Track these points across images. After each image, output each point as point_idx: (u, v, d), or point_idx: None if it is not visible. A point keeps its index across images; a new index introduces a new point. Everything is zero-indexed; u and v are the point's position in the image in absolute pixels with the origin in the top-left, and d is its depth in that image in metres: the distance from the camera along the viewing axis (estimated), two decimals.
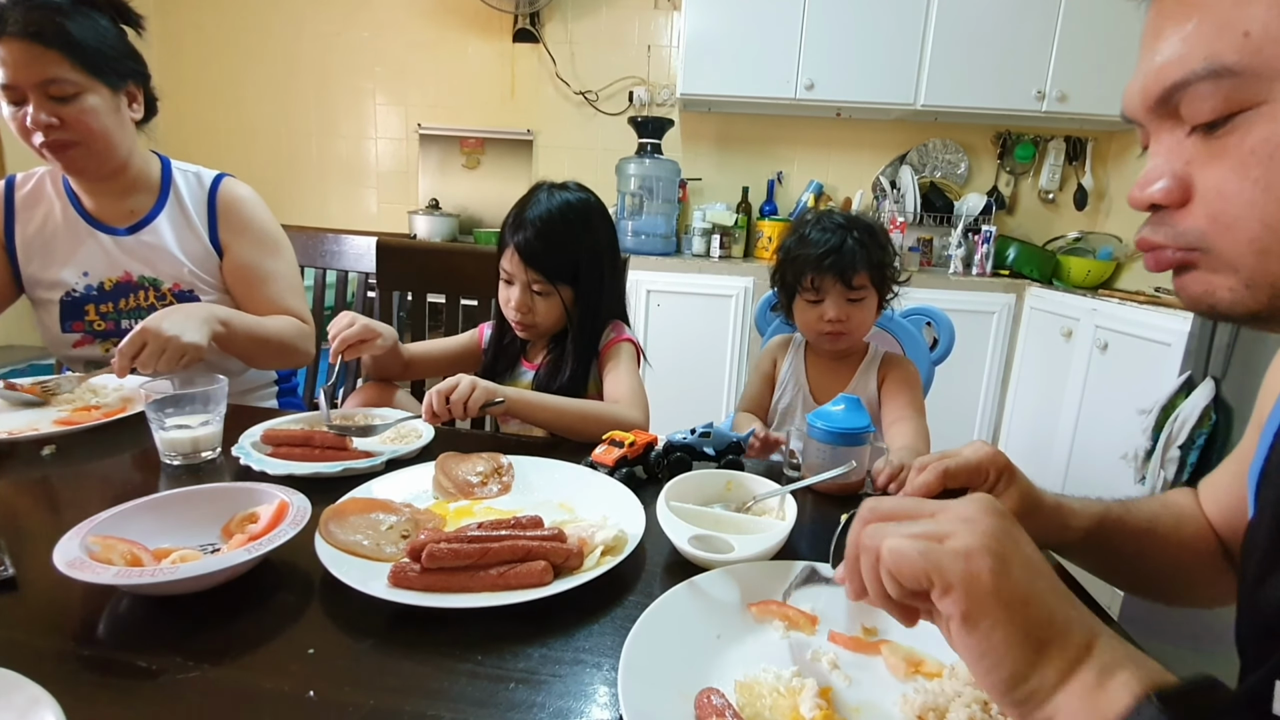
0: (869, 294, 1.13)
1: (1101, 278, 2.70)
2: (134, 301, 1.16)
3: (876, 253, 1.12)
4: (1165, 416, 1.73)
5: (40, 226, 1.15)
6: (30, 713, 0.39)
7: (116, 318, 1.17)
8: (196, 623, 0.53)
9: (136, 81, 1.12)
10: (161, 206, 1.19)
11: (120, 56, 1.08)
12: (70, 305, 1.16)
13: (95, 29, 1.04)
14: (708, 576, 0.58)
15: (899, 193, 3.03)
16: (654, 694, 0.45)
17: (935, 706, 0.45)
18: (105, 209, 1.17)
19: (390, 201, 3.30)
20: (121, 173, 1.14)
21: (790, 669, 0.50)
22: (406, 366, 1.18)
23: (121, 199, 1.17)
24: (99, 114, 1.05)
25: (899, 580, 0.38)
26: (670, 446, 0.87)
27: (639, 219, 2.85)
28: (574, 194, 1.12)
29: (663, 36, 3.06)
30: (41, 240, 1.15)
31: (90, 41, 1.02)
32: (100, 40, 1.04)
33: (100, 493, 0.77)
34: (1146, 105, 0.41)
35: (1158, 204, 0.42)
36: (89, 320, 1.16)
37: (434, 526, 0.67)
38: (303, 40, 3.16)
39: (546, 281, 1.08)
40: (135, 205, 1.18)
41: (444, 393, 0.91)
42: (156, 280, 1.18)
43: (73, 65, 1.01)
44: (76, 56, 1.01)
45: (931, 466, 0.60)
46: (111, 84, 1.07)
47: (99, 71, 1.04)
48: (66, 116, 1.02)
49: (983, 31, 2.62)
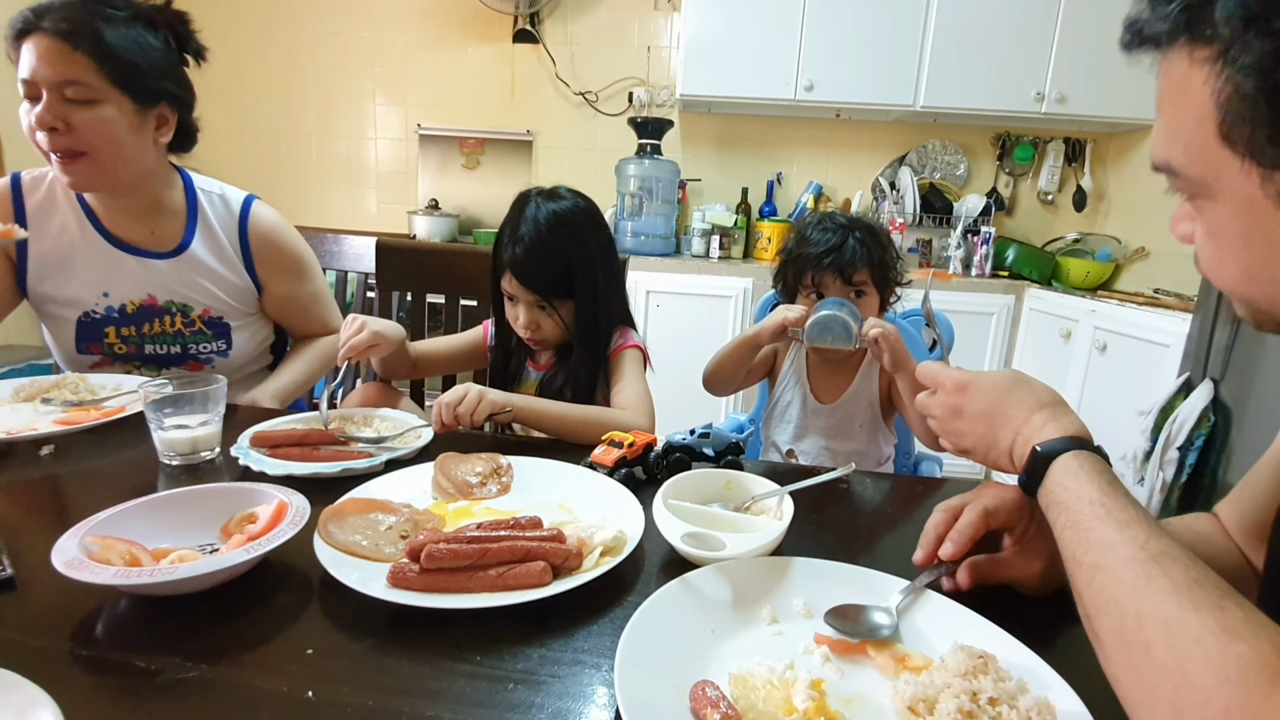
0: (870, 293, 1.13)
1: (1100, 279, 2.70)
2: (159, 326, 1.13)
3: (878, 252, 1.12)
4: (1164, 417, 1.73)
5: (56, 241, 1.10)
6: (28, 713, 0.39)
7: (139, 341, 1.13)
8: (195, 623, 0.53)
9: (171, 105, 1.07)
10: (193, 232, 1.15)
11: (158, 75, 1.03)
12: (88, 326, 1.12)
13: (138, 42, 1.00)
14: (700, 573, 0.59)
15: (898, 194, 3.04)
16: (649, 687, 0.45)
17: (925, 697, 0.46)
18: (126, 228, 1.12)
19: (390, 202, 3.30)
20: (133, 193, 1.09)
21: (783, 661, 0.50)
22: (414, 366, 1.18)
23: (141, 220, 1.12)
24: (113, 126, 0.99)
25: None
26: (669, 447, 0.87)
27: (638, 220, 2.85)
28: (562, 203, 1.09)
29: (662, 37, 3.06)
30: (58, 257, 1.10)
31: (125, 52, 0.98)
32: (139, 54, 1.00)
33: (99, 493, 0.76)
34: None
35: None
36: (108, 343, 1.13)
37: (433, 527, 0.67)
38: (303, 40, 3.16)
39: (546, 299, 1.08)
40: (158, 228, 1.13)
41: (452, 405, 0.91)
42: (187, 306, 1.14)
43: (98, 71, 0.96)
44: (105, 64, 0.96)
45: (970, 507, 0.62)
46: (139, 100, 1.01)
47: (127, 85, 0.99)
48: (78, 122, 0.97)
49: (982, 33, 2.62)
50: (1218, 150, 0.40)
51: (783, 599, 0.58)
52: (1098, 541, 0.44)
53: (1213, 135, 0.40)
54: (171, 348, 1.15)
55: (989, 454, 0.59)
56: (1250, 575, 0.62)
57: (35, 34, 0.94)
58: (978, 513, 0.61)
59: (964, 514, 0.62)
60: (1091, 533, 0.45)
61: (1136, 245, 2.77)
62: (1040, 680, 0.47)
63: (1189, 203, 0.45)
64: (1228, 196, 0.41)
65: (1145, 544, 0.42)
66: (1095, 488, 0.47)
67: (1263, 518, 0.59)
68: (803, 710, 0.45)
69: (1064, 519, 0.48)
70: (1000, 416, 0.57)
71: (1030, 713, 0.44)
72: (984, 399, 0.59)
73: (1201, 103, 0.40)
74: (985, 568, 0.60)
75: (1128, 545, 0.42)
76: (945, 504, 0.65)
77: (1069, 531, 0.47)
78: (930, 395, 0.66)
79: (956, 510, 0.64)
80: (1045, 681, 0.47)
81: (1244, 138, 0.38)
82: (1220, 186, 0.41)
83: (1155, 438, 1.74)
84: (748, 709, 0.45)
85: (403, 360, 1.13)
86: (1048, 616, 0.58)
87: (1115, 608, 0.41)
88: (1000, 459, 0.58)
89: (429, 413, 0.98)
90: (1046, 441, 0.52)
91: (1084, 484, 0.48)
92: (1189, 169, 0.42)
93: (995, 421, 0.57)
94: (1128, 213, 2.91)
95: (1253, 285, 0.43)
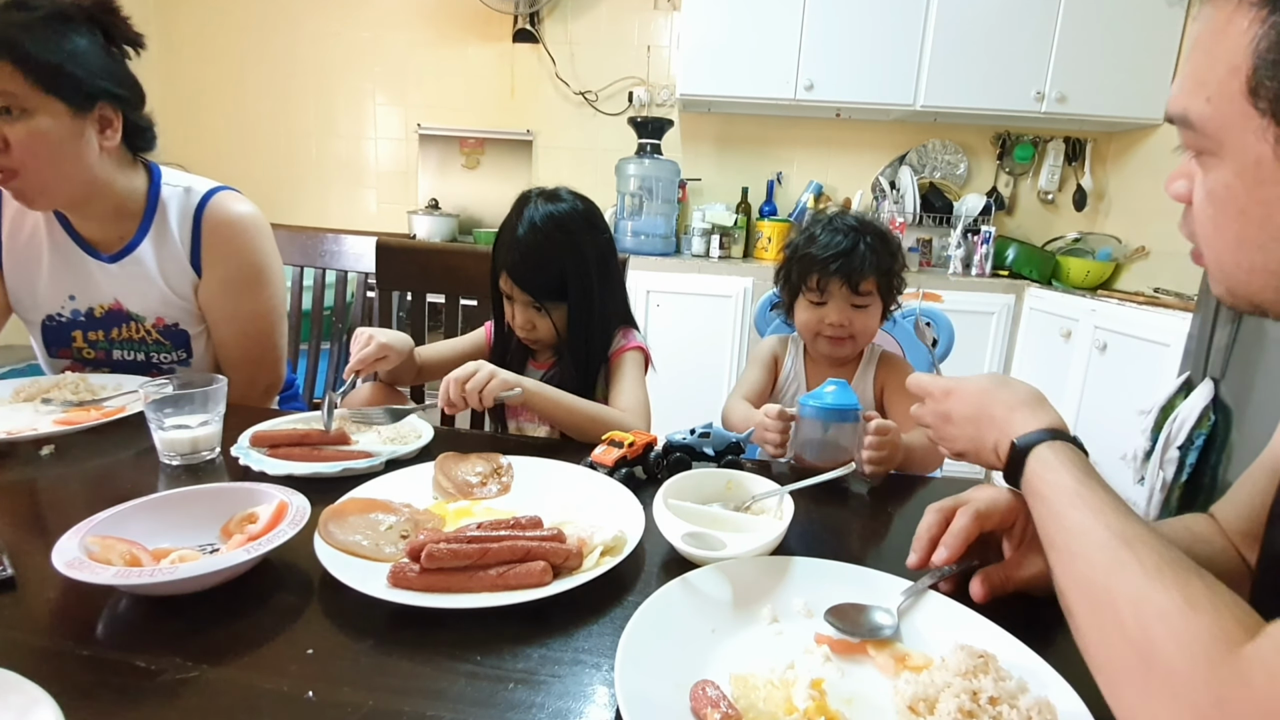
0: (874, 301, 1.11)
1: (1101, 278, 2.70)
2: (126, 333, 1.09)
3: (887, 260, 1.09)
4: (1164, 417, 1.73)
5: (29, 240, 1.07)
6: (29, 713, 0.39)
7: (107, 347, 1.10)
8: (196, 623, 0.53)
9: (113, 105, 0.99)
10: (145, 232, 1.08)
11: (92, 75, 0.96)
12: (53, 330, 1.09)
13: (63, 43, 0.93)
14: (700, 573, 0.59)
15: (898, 193, 3.04)
16: (650, 686, 0.45)
17: (926, 697, 0.46)
18: (94, 232, 1.07)
19: (390, 201, 3.30)
20: (86, 204, 1.04)
21: (784, 661, 0.50)
22: (419, 372, 1.18)
23: (108, 224, 1.07)
24: (48, 139, 0.93)
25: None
26: (670, 447, 0.87)
27: (639, 219, 2.85)
28: (560, 206, 1.09)
29: (662, 37, 3.06)
30: (28, 256, 1.07)
31: (51, 56, 0.91)
32: (66, 56, 0.93)
33: (99, 493, 0.76)
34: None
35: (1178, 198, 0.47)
36: (76, 347, 1.10)
37: (433, 527, 0.67)
38: (303, 40, 3.16)
39: (540, 300, 1.09)
40: (124, 231, 1.08)
41: (461, 380, 0.90)
42: (139, 315, 1.10)
43: (25, 79, 0.90)
44: (29, 70, 0.90)
45: (962, 511, 0.62)
46: (74, 105, 0.94)
47: (57, 89, 0.92)
48: (11, 137, 0.91)
49: (982, 32, 2.62)
50: (1241, 103, 0.39)
51: (783, 598, 0.58)
52: (1072, 527, 0.46)
53: (1240, 87, 0.39)
54: (137, 354, 1.12)
55: (980, 455, 0.61)
56: (1246, 575, 0.62)
57: None
58: (970, 516, 0.61)
59: (956, 518, 0.62)
60: (1066, 519, 0.47)
61: (1137, 244, 2.76)
62: (1040, 680, 0.48)
63: (1194, 160, 0.45)
64: (1237, 155, 0.41)
65: (1117, 529, 0.44)
66: (1070, 477, 0.49)
67: (1257, 517, 0.59)
68: (803, 710, 0.45)
69: (1042, 508, 0.50)
70: (985, 418, 0.60)
71: (1030, 712, 0.44)
72: (969, 403, 0.62)
73: (1238, 50, 0.39)
74: (997, 577, 0.60)
75: (1101, 530, 0.44)
76: (937, 505, 0.65)
77: (1046, 518, 0.49)
78: (922, 406, 0.68)
79: (949, 511, 0.64)
80: (1045, 681, 0.47)
81: (1271, 94, 0.38)
82: (1232, 144, 0.41)
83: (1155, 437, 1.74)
84: (748, 708, 0.45)
85: (409, 368, 1.14)
86: (1048, 616, 0.58)
87: (1088, 586, 0.44)
88: (989, 458, 0.60)
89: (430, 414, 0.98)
90: (1024, 435, 0.54)
91: (1059, 473, 0.50)
92: (1207, 122, 0.42)
93: (981, 424, 0.60)
94: (1128, 212, 2.91)
95: (1241, 253, 0.43)
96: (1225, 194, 0.42)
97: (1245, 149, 0.40)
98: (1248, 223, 0.42)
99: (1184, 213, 0.47)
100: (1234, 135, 0.40)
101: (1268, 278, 0.42)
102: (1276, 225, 0.40)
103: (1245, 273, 0.43)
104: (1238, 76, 0.39)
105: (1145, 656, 0.38)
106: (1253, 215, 0.41)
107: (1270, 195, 0.40)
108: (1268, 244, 0.41)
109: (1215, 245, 0.45)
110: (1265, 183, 0.40)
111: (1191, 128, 0.43)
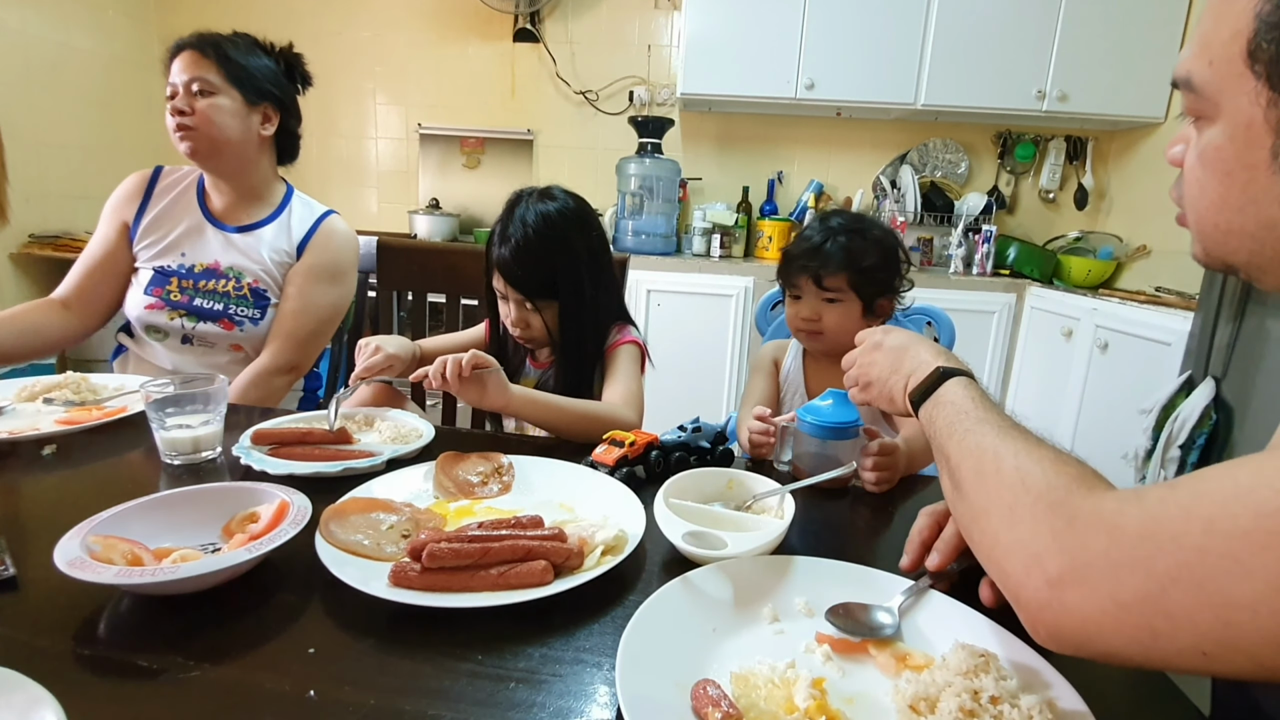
0: (845, 297, 1.11)
1: (1102, 277, 2.70)
2: (212, 285, 1.31)
3: (865, 256, 1.10)
4: (1165, 416, 1.73)
5: (167, 210, 1.33)
6: (31, 712, 0.39)
7: (193, 294, 1.31)
8: (197, 622, 0.53)
9: (275, 107, 1.34)
10: (273, 219, 1.37)
11: (264, 82, 1.31)
12: (160, 276, 1.31)
13: (251, 58, 1.29)
14: (701, 572, 0.59)
15: (899, 192, 3.03)
16: (651, 686, 0.45)
17: (926, 696, 0.46)
18: (224, 206, 1.35)
19: (390, 201, 3.30)
20: (238, 175, 1.32)
21: (785, 660, 0.50)
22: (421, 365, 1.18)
23: (239, 202, 1.35)
24: (223, 112, 1.25)
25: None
26: (666, 448, 0.87)
27: (639, 219, 2.85)
28: (551, 205, 1.09)
29: (663, 36, 3.06)
30: (160, 221, 1.33)
31: (240, 60, 1.27)
32: (252, 64, 1.29)
33: (101, 492, 0.77)
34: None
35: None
36: (168, 289, 1.30)
37: (434, 526, 0.68)
38: (303, 40, 3.12)
39: (531, 299, 1.09)
40: (252, 213, 1.36)
41: (439, 371, 0.90)
42: (241, 273, 1.32)
43: (218, 71, 1.24)
44: (223, 66, 1.24)
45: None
46: (248, 96, 1.28)
47: (239, 83, 1.26)
48: (198, 108, 1.22)
49: (983, 31, 2.61)
50: (1240, 67, 0.40)
51: (784, 598, 0.58)
52: (970, 424, 0.54)
53: (1240, 51, 0.40)
54: (215, 305, 1.31)
55: (888, 380, 0.68)
56: None
57: (183, 50, 1.24)
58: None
59: (950, 523, 0.62)
60: (967, 418, 0.55)
61: (1138, 243, 2.76)
62: (1041, 679, 0.48)
63: (1193, 125, 0.46)
64: (1230, 118, 0.42)
65: (1011, 424, 0.53)
66: (974, 399, 0.57)
67: None
68: (804, 709, 0.45)
69: (947, 411, 0.57)
70: (911, 353, 0.68)
71: (1031, 711, 0.44)
72: (903, 338, 0.71)
73: (1243, 13, 0.40)
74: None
75: (992, 424, 0.53)
76: (929, 508, 0.66)
77: (951, 418, 0.56)
78: (858, 348, 0.76)
79: (941, 515, 0.64)
80: (1046, 680, 0.47)
81: (1268, 56, 0.39)
82: (1227, 107, 0.42)
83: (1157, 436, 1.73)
84: (749, 708, 0.45)
85: (410, 367, 1.14)
86: None
87: (977, 452, 0.51)
88: (896, 385, 0.67)
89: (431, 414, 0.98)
90: (947, 368, 0.62)
91: (965, 396, 0.58)
92: (1207, 84, 0.42)
93: (905, 355, 0.68)
94: (1129, 211, 2.91)
95: (1221, 214, 0.44)
96: (1214, 155, 0.43)
97: (1239, 111, 0.41)
98: (1231, 184, 0.43)
99: (1177, 178, 0.48)
100: (1230, 98, 0.41)
101: (1243, 239, 0.43)
102: (1258, 188, 0.41)
103: (1222, 234, 0.45)
104: (1239, 40, 0.40)
105: (1016, 491, 0.45)
106: (1237, 178, 0.42)
107: (1256, 159, 0.41)
108: (1246, 206, 0.42)
109: (1198, 205, 0.46)
110: (1253, 146, 0.41)
111: (1194, 90, 0.43)
